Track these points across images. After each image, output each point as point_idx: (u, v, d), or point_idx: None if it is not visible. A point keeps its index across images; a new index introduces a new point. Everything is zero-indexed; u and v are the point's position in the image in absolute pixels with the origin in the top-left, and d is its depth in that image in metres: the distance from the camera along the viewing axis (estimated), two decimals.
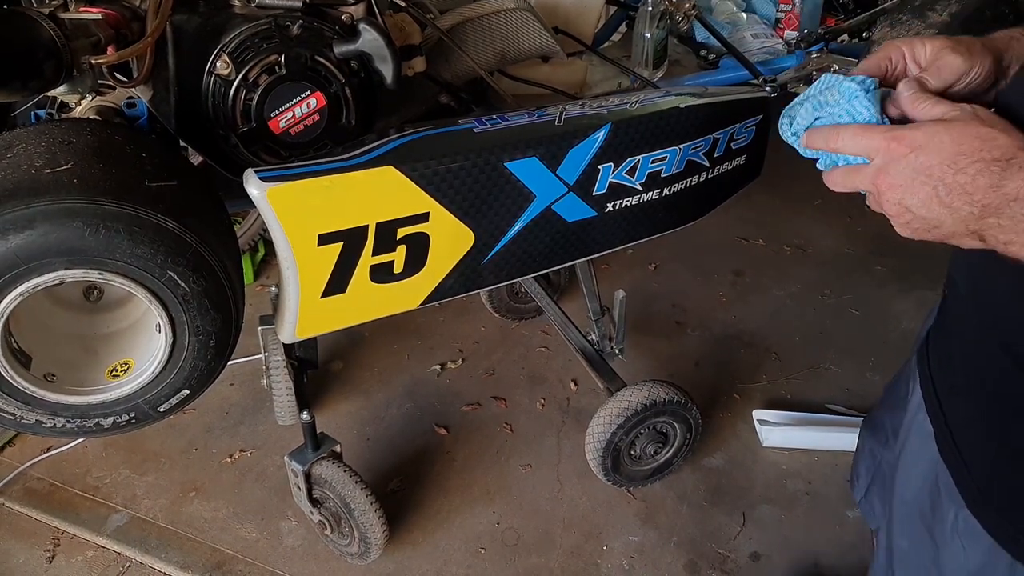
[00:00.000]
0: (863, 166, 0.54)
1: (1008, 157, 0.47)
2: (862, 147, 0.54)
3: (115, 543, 1.51)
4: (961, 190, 0.48)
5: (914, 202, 0.51)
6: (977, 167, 0.48)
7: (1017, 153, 0.47)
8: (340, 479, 1.34)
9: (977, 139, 0.48)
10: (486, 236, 1.03)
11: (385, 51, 0.95)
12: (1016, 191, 0.46)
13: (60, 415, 0.86)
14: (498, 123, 1.02)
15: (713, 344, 2.03)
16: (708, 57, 1.52)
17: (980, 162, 0.48)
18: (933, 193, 0.50)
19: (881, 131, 0.53)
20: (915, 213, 0.51)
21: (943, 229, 0.51)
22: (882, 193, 0.53)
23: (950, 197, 0.49)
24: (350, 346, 2.00)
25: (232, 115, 0.94)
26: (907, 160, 0.50)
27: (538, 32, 1.24)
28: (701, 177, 1.20)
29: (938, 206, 0.50)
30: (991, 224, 0.48)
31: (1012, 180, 0.46)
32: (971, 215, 0.49)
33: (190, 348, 0.86)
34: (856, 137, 0.54)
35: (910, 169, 0.50)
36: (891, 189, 0.52)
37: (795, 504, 1.61)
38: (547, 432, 1.76)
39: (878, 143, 0.52)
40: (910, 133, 0.51)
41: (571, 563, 1.49)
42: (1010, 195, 0.46)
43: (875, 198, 0.54)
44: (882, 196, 0.53)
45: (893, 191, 0.52)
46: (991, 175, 0.47)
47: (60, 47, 0.81)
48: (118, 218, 0.75)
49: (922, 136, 0.50)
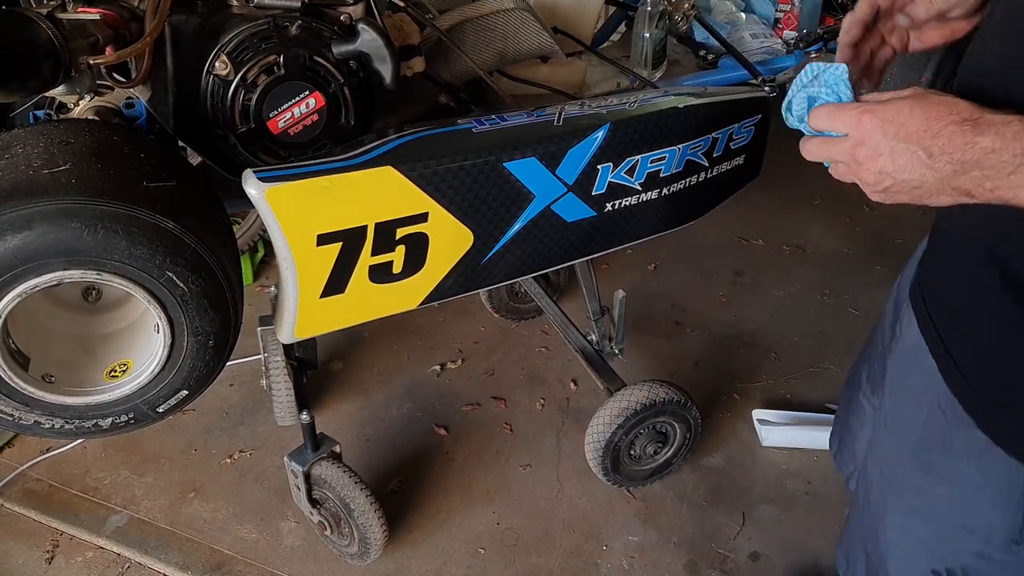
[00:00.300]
0: (839, 139, 0.59)
1: (974, 117, 0.52)
2: (838, 123, 0.59)
3: (114, 544, 1.51)
4: (941, 151, 0.53)
5: (895, 168, 0.55)
6: (951, 129, 0.53)
7: (980, 113, 0.53)
8: (340, 480, 1.34)
9: (941, 105, 0.54)
10: (485, 236, 1.03)
11: (384, 51, 0.95)
12: (991, 144, 0.51)
13: (58, 416, 0.86)
14: (497, 123, 1.02)
15: (713, 344, 2.03)
16: (707, 57, 1.52)
17: (952, 124, 0.53)
18: (915, 157, 0.54)
19: (852, 107, 0.58)
20: (896, 178, 0.56)
21: (923, 189, 0.56)
22: (861, 164, 0.57)
23: (931, 159, 0.54)
24: (349, 346, 1.99)
25: (231, 115, 0.93)
26: (883, 131, 0.55)
27: (537, 32, 1.24)
28: (700, 177, 1.20)
29: (921, 167, 0.54)
30: (974, 177, 0.53)
31: (984, 135, 0.52)
32: (953, 172, 0.53)
33: (189, 349, 0.86)
34: (831, 115, 0.59)
35: (888, 139, 0.55)
36: (871, 159, 0.56)
37: (795, 504, 1.61)
38: (547, 432, 1.76)
39: (851, 118, 0.57)
40: (879, 107, 0.56)
41: (571, 563, 1.49)
42: (987, 148, 0.52)
43: (849, 169, 0.59)
44: (861, 167, 0.58)
45: (873, 161, 0.56)
46: (964, 134, 0.52)
47: (58, 47, 0.81)
48: (116, 218, 0.75)
49: (892, 110, 0.55)
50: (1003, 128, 0.51)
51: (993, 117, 0.52)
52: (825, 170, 0.90)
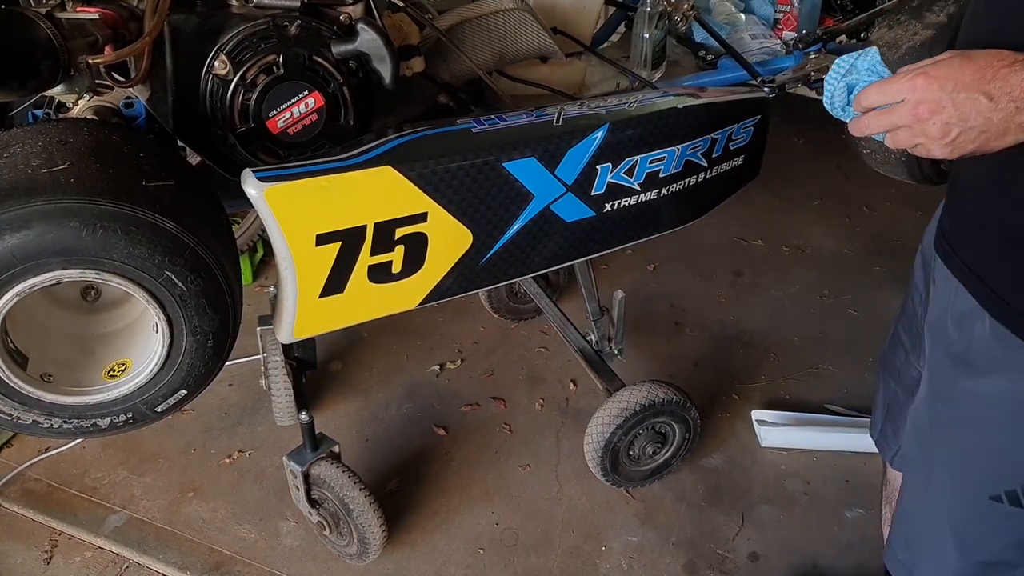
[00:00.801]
0: (897, 106, 0.63)
1: (1019, 59, 0.58)
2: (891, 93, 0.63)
3: (113, 544, 1.51)
4: (1000, 92, 0.58)
5: (960, 115, 0.60)
6: (1004, 72, 0.58)
7: (1018, 55, 0.58)
8: (339, 480, 1.34)
9: (986, 55, 0.59)
10: (484, 236, 1.03)
11: (383, 51, 0.95)
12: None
13: (57, 415, 0.86)
14: (496, 123, 1.02)
15: (712, 344, 2.03)
16: (706, 58, 1.52)
17: (1004, 67, 0.58)
18: (977, 103, 0.59)
19: (902, 74, 0.62)
20: (963, 126, 0.60)
21: (990, 132, 0.60)
22: (925, 120, 0.61)
23: (993, 102, 0.59)
24: (349, 346, 1.99)
25: (230, 115, 0.93)
26: (940, 86, 0.60)
27: (536, 32, 1.24)
28: (699, 177, 1.20)
29: (985, 111, 0.59)
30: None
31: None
32: (1016, 109, 0.58)
33: (188, 348, 0.86)
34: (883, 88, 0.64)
35: (947, 92, 0.60)
36: (935, 113, 0.61)
37: (794, 504, 1.61)
38: (546, 432, 1.76)
39: (905, 83, 0.62)
40: (929, 69, 0.61)
41: (570, 563, 1.49)
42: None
43: (912, 130, 0.63)
44: (926, 123, 0.61)
45: (937, 114, 0.61)
46: (1017, 73, 0.58)
47: (57, 47, 0.81)
48: (115, 218, 0.75)
49: (942, 67, 0.60)
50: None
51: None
52: (824, 171, 0.91)
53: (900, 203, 2.55)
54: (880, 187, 2.52)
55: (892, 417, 1.02)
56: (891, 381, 1.01)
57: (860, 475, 1.65)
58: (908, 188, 1.02)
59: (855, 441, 1.68)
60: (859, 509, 1.59)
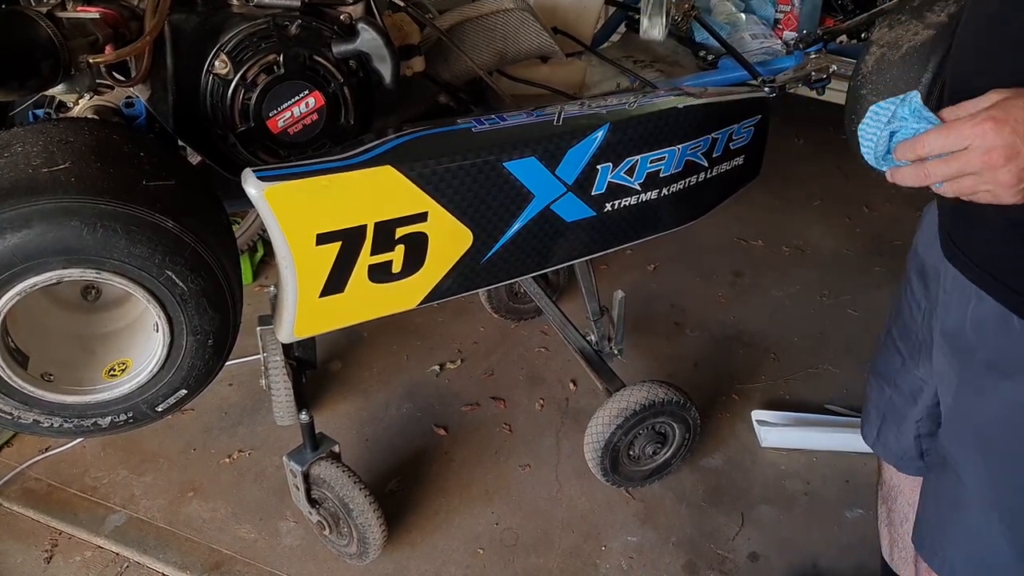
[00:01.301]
0: (963, 153, 0.60)
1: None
2: (952, 141, 0.60)
3: (113, 543, 1.51)
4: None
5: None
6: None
7: None
8: (339, 479, 1.34)
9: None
10: (485, 236, 1.03)
11: (384, 51, 0.95)
12: None
13: (57, 415, 0.86)
14: (497, 123, 1.02)
15: (712, 345, 2.03)
16: (707, 57, 1.52)
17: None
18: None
19: (968, 120, 0.59)
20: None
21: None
22: (998, 168, 0.58)
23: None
24: (349, 346, 1.99)
25: (230, 114, 0.93)
26: (1012, 130, 0.57)
27: (537, 32, 1.24)
28: (700, 177, 1.20)
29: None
30: None
31: None
32: None
33: (188, 348, 0.86)
34: (946, 134, 0.60)
35: (1020, 135, 0.57)
36: (1010, 160, 0.58)
37: (794, 504, 1.61)
38: (546, 432, 1.76)
39: (971, 130, 0.58)
40: (995, 112, 0.58)
41: (570, 563, 1.49)
42: None
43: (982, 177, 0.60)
44: (998, 171, 0.58)
45: (1012, 161, 0.58)
46: None
47: (58, 46, 0.81)
48: (116, 217, 0.75)
49: (1009, 110, 0.57)
50: None
51: None
52: (824, 171, 0.90)
53: (900, 203, 2.55)
54: (880, 187, 2.52)
55: (891, 423, 1.02)
56: (886, 388, 1.01)
57: (860, 475, 1.65)
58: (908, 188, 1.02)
59: (855, 441, 1.68)
60: (859, 509, 1.59)
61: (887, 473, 1.12)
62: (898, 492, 1.11)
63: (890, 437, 1.02)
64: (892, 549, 1.16)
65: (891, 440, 1.02)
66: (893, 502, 1.12)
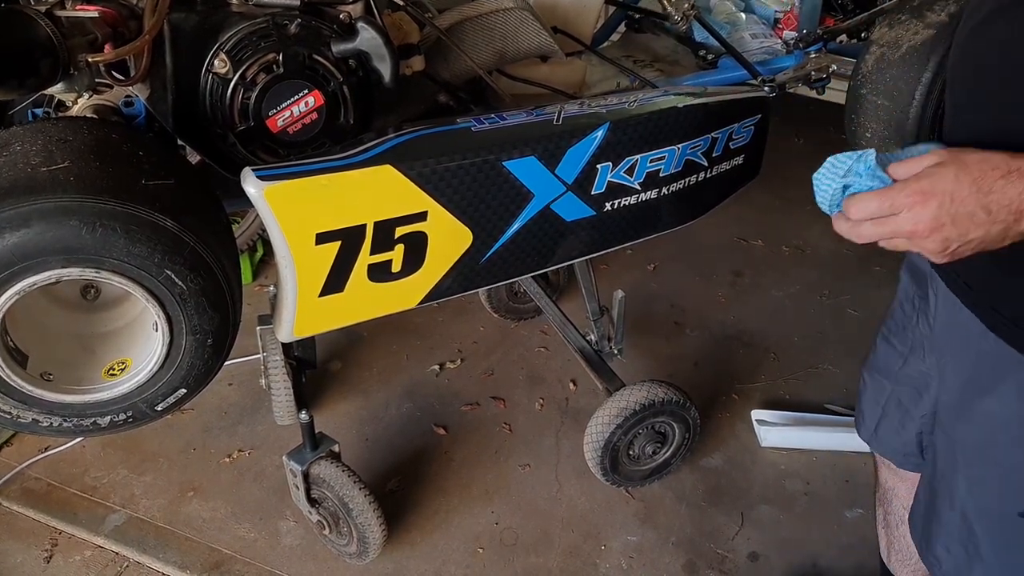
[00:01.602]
0: (894, 219, 0.62)
1: (1015, 168, 0.57)
2: (885, 208, 0.62)
3: (113, 543, 1.51)
4: (998, 205, 0.57)
5: (959, 232, 0.59)
6: (1000, 183, 0.57)
7: (1016, 162, 0.57)
8: (338, 479, 1.34)
9: (981, 163, 0.58)
10: (484, 235, 1.03)
11: (383, 50, 0.95)
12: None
13: (57, 414, 0.86)
14: (496, 122, 1.02)
15: (712, 344, 2.03)
16: (707, 57, 1.52)
17: (1000, 179, 0.57)
18: (975, 219, 0.58)
19: (900, 190, 0.61)
20: (961, 240, 0.60)
21: (987, 241, 0.60)
22: (926, 237, 0.61)
23: (991, 215, 0.58)
24: (349, 346, 1.99)
25: (230, 114, 0.93)
26: (939, 204, 0.59)
27: (537, 31, 1.24)
28: (699, 177, 1.20)
29: (983, 226, 0.58)
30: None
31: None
32: (1014, 220, 0.58)
33: (187, 347, 0.86)
34: (876, 201, 0.62)
35: (946, 210, 0.59)
36: (935, 231, 0.60)
37: (793, 504, 1.61)
38: (546, 432, 1.76)
39: (898, 201, 0.61)
40: (922, 184, 0.60)
41: (569, 563, 1.49)
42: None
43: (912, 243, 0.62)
44: (925, 239, 0.61)
45: (937, 232, 0.60)
46: (1015, 185, 0.57)
47: (57, 45, 0.81)
48: (115, 216, 0.75)
49: (939, 182, 0.59)
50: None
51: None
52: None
53: None
54: None
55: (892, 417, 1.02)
56: (887, 383, 1.01)
57: (860, 475, 1.65)
58: None
59: (855, 441, 1.67)
60: (859, 509, 1.59)
61: (883, 475, 1.12)
62: (893, 495, 1.11)
63: (889, 433, 1.02)
64: (889, 551, 1.16)
65: (890, 436, 1.02)
66: (889, 504, 1.12)
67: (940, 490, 0.82)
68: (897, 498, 1.10)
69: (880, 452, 1.07)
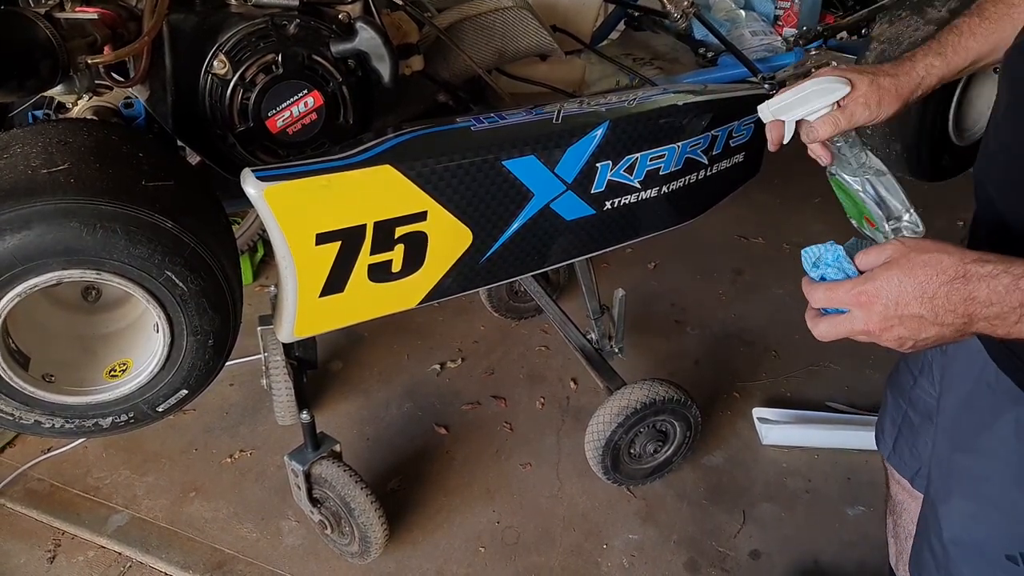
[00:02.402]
0: (846, 317, 0.62)
1: (962, 273, 0.56)
2: (835, 303, 0.63)
3: (116, 543, 1.51)
4: (944, 310, 0.57)
5: (911, 332, 0.59)
6: (944, 290, 0.56)
7: (965, 266, 0.56)
8: (340, 479, 1.34)
9: (927, 267, 0.57)
10: (484, 235, 1.03)
11: (382, 50, 0.95)
12: (987, 298, 0.55)
13: (59, 415, 0.86)
14: (496, 121, 1.02)
15: (713, 343, 2.03)
16: (707, 55, 1.51)
17: (944, 284, 0.56)
18: (923, 321, 0.58)
19: (846, 288, 0.62)
20: (916, 339, 0.59)
21: (945, 339, 0.59)
22: (879, 335, 0.60)
23: (938, 318, 0.57)
24: (349, 346, 2.00)
25: (229, 114, 0.93)
26: (884, 307, 0.59)
27: (536, 30, 1.24)
28: (700, 175, 1.20)
29: (933, 327, 0.58)
30: (983, 326, 0.56)
31: (978, 288, 0.55)
32: (964, 323, 0.57)
33: (188, 348, 0.86)
34: (828, 294, 0.63)
35: (892, 312, 0.59)
36: (885, 331, 0.60)
37: (795, 502, 1.61)
38: (547, 431, 1.76)
39: (848, 299, 0.61)
40: (869, 285, 0.60)
41: (571, 561, 1.49)
42: (984, 302, 0.55)
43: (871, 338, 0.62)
44: (880, 337, 0.61)
45: (888, 332, 0.59)
46: (959, 291, 0.56)
47: (56, 47, 0.81)
48: (115, 218, 0.75)
49: (884, 286, 0.59)
50: (993, 283, 0.54)
51: (980, 270, 0.55)
52: (823, 169, 0.90)
53: None
54: None
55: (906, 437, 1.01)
56: (902, 401, 1.00)
57: (862, 472, 1.65)
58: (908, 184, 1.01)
59: (857, 439, 1.68)
60: (860, 506, 1.59)
61: (894, 488, 1.11)
62: (903, 509, 1.09)
63: (905, 451, 1.01)
64: (897, 560, 1.15)
65: (906, 454, 1.01)
66: (899, 517, 1.11)
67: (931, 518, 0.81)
68: (907, 512, 1.08)
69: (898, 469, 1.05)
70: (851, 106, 0.81)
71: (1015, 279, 0.54)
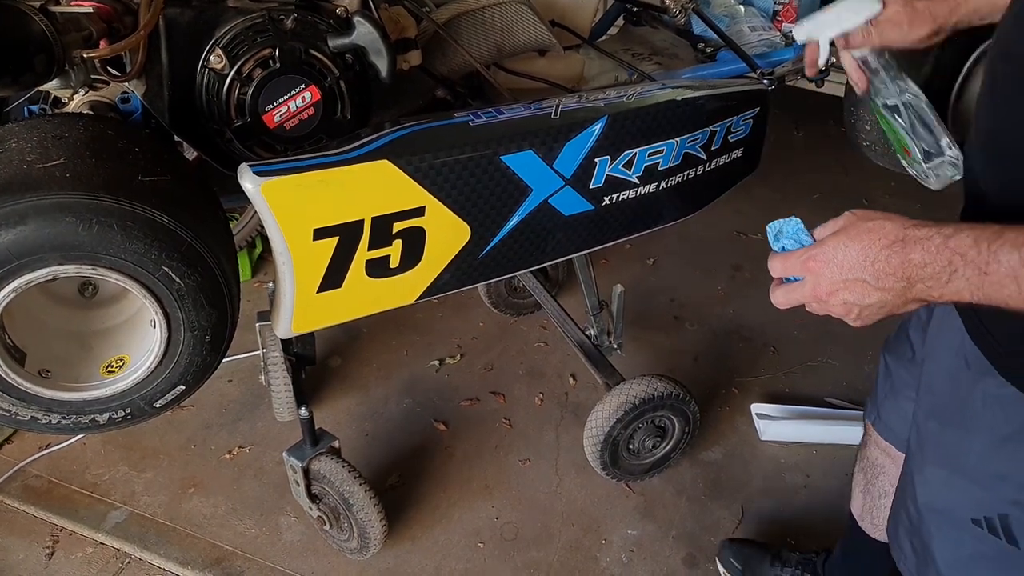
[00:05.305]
0: (798, 284, 0.66)
1: (901, 237, 0.59)
2: (788, 271, 0.66)
3: (114, 539, 1.51)
4: (884, 273, 0.60)
5: (855, 296, 0.62)
6: (884, 253, 0.59)
7: (904, 231, 0.59)
8: (339, 475, 1.34)
9: (871, 232, 0.60)
10: (483, 230, 1.03)
11: (380, 45, 0.94)
12: (921, 259, 0.58)
13: (55, 411, 0.86)
14: (494, 116, 1.01)
15: (711, 338, 2.03)
16: (705, 50, 1.51)
17: (884, 248, 0.59)
18: (866, 285, 0.61)
19: (797, 255, 0.65)
20: (860, 304, 0.62)
21: (888, 306, 0.62)
22: (826, 300, 0.64)
23: (880, 282, 0.60)
24: (348, 342, 1.99)
25: (226, 109, 0.93)
26: (829, 270, 0.62)
27: (534, 25, 1.24)
28: (698, 170, 1.20)
29: (875, 291, 0.61)
30: (921, 288, 0.59)
31: (914, 252, 0.58)
32: (903, 288, 0.59)
33: (185, 343, 0.86)
34: (784, 264, 0.66)
35: (836, 275, 0.62)
36: (832, 295, 0.63)
37: (794, 497, 1.61)
38: (546, 427, 1.76)
39: (798, 266, 0.65)
40: (817, 251, 0.63)
41: (570, 557, 1.49)
42: (919, 263, 0.58)
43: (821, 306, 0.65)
44: (827, 303, 0.64)
45: (834, 296, 0.63)
46: (897, 254, 0.59)
47: (51, 41, 0.81)
48: (111, 213, 0.75)
49: (829, 250, 0.62)
50: (927, 244, 0.57)
51: (917, 233, 0.58)
52: (824, 164, 0.90)
53: (900, 196, 2.54)
54: (879, 180, 2.51)
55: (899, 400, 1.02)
56: (900, 370, 1.02)
57: None
58: (908, 181, 1.01)
59: (855, 434, 1.67)
60: None
61: (873, 452, 1.13)
62: (881, 471, 1.11)
63: (893, 417, 1.03)
64: (864, 513, 1.17)
65: (893, 420, 1.03)
66: (875, 478, 1.13)
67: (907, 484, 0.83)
68: (885, 474, 1.10)
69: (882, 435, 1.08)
70: (883, 24, 0.86)
71: (945, 239, 0.57)
